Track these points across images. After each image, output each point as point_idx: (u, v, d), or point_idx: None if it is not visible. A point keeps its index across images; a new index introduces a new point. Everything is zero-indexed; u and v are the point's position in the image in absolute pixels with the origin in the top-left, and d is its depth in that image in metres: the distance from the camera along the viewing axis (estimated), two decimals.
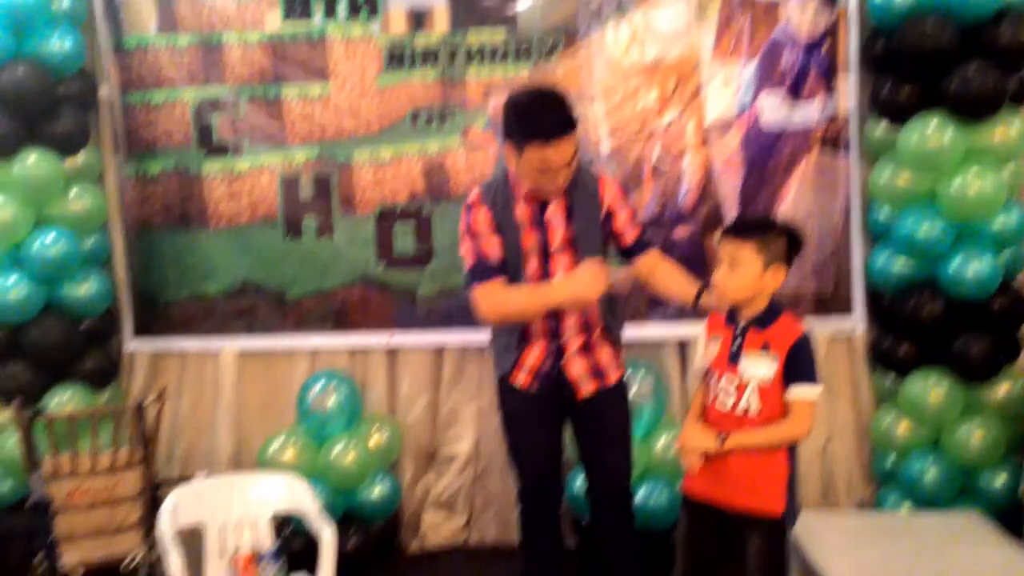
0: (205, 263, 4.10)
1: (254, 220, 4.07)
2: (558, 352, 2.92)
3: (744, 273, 2.51)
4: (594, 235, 2.90)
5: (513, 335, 2.95)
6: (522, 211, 2.86)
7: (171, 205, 4.10)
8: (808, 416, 2.49)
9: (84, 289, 3.83)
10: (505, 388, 3.03)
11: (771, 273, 2.51)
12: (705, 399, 2.65)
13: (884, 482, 3.73)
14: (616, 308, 3.04)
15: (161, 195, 4.10)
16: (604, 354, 2.97)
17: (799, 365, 2.49)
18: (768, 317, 2.55)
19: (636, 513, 3.09)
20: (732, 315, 2.62)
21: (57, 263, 3.68)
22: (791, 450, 2.57)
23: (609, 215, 2.93)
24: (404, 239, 4.01)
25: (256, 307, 4.11)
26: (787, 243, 2.54)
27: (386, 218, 4.01)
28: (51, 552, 3.11)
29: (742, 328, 2.57)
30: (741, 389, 2.54)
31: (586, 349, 2.94)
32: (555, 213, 2.86)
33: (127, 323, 4.18)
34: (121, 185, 4.12)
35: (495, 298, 2.84)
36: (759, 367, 2.51)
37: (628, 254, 2.99)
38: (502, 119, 2.76)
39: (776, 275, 2.52)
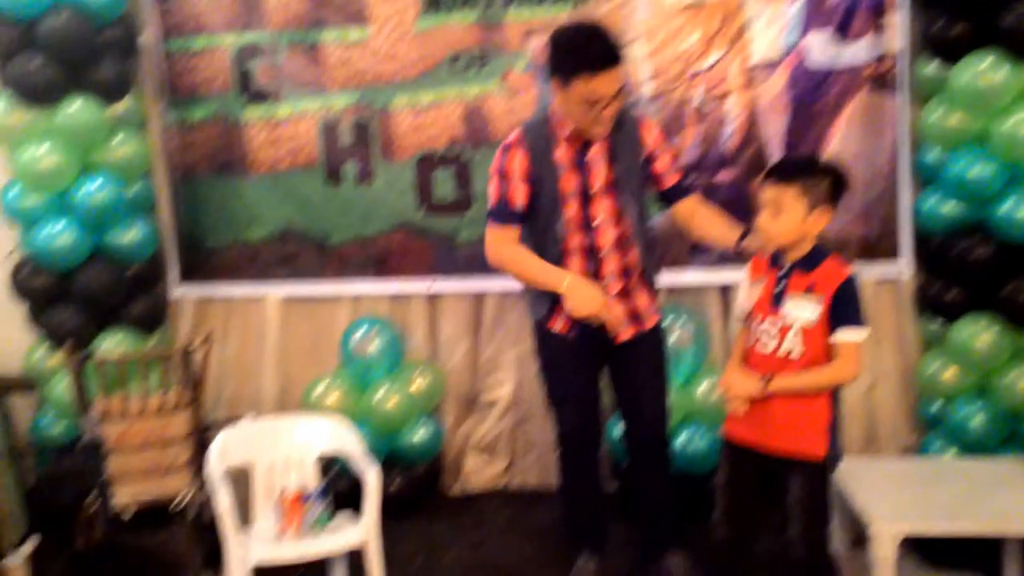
0: (248, 210, 4.14)
1: (295, 167, 4.08)
2: None
3: (788, 217, 2.47)
4: (635, 178, 2.88)
5: None
6: (562, 153, 2.84)
7: (213, 152, 4.13)
8: (855, 359, 2.47)
9: (130, 235, 3.88)
10: (542, 333, 3.04)
11: (815, 216, 2.47)
12: (747, 342, 2.64)
13: (929, 428, 3.70)
14: (654, 252, 3.02)
15: (203, 142, 4.13)
16: (642, 299, 2.96)
17: (845, 308, 2.46)
18: (813, 259, 2.51)
19: (676, 458, 3.11)
20: (776, 258, 2.58)
21: (103, 209, 3.73)
22: (834, 394, 2.55)
23: (650, 158, 2.90)
24: (444, 185, 4.00)
25: (298, 253, 4.15)
26: (831, 184, 2.49)
27: (425, 164, 4.00)
28: (103, 492, 3.19)
29: (786, 271, 2.54)
30: (783, 332, 2.52)
31: (624, 294, 2.93)
32: (596, 155, 2.84)
33: (173, 269, 4.24)
34: (164, 132, 4.16)
35: (505, 248, 2.86)
36: (803, 310, 2.48)
37: (667, 198, 2.97)
38: (547, 57, 2.74)
39: (821, 217, 2.48)
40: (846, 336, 2.46)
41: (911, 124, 3.66)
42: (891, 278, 3.76)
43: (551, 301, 2.94)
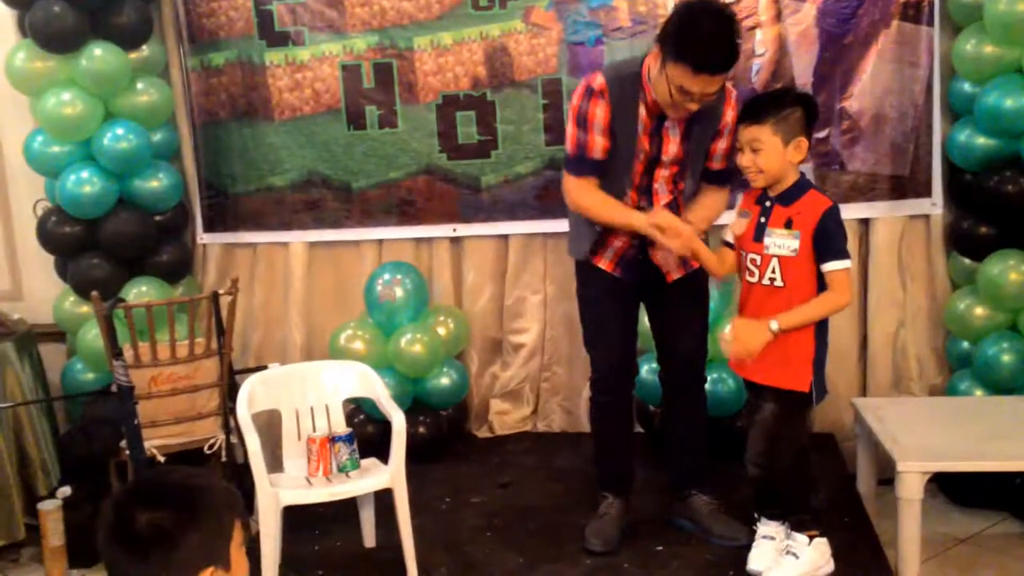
0: (271, 155, 4.14)
1: (318, 111, 4.07)
2: (644, 241, 2.89)
3: (768, 153, 2.58)
4: (702, 153, 2.84)
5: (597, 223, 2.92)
6: (644, 114, 2.78)
7: (236, 97, 4.13)
8: (846, 286, 2.61)
9: (155, 183, 3.91)
10: (586, 271, 3.03)
11: (793, 147, 2.58)
12: (738, 272, 2.76)
13: (958, 368, 3.67)
14: None
15: (225, 86, 4.13)
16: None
17: (828, 240, 2.57)
18: (793, 194, 2.63)
19: None
20: (763, 194, 2.69)
21: (127, 157, 3.75)
22: (818, 330, 2.65)
23: (715, 134, 2.83)
24: (467, 128, 3.98)
25: (323, 199, 4.16)
26: (803, 115, 2.59)
27: (448, 106, 3.97)
28: (135, 437, 3.26)
29: (768, 206, 2.65)
30: (766, 263, 2.63)
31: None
32: (673, 126, 2.79)
33: (198, 217, 4.27)
34: (185, 77, 4.15)
35: (587, 196, 2.84)
36: (782, 243, 2.60)
37: (704, 178, 2.91)
38: (667, 19, 2.66)
39: (799, 148, 2.58)
40: (833, 266, 2.57)
41: (944, 56, 3.58)
42: (922, 214, 3.71)
43: (599, 239, 2.94)
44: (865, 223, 3.73)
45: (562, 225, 3.89)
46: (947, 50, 3.55)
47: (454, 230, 4.10)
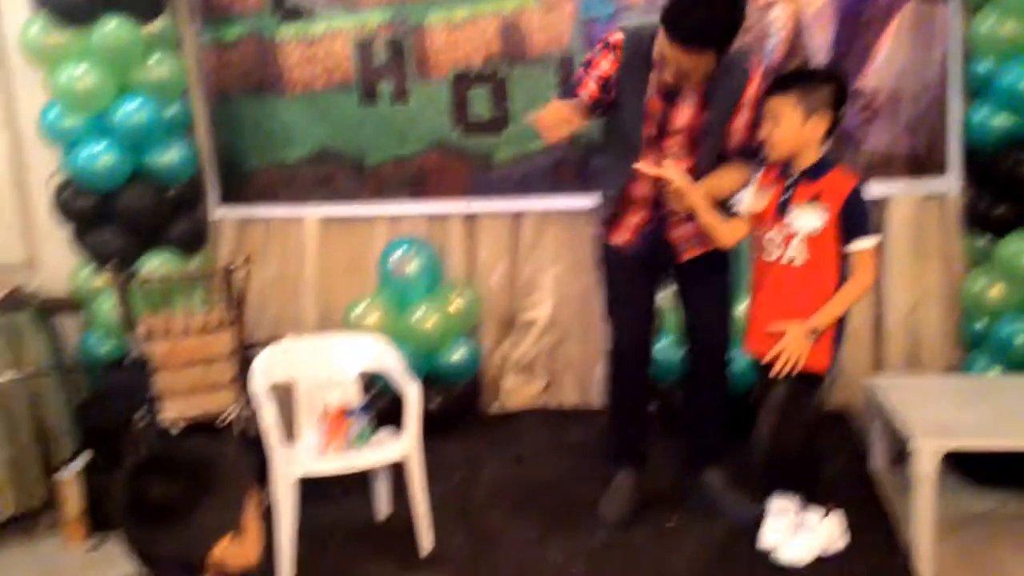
0: (284, 130, 4.13)
1: (330, 86, 4.05)
2: (662, 218, 2.87)
3: (786, 125, 2.56)
4: (720, 131, 2.80)
5: (615, 193, 2.91)
6: (656, 78, 2.75)
7: (249, 72, 4.11)
8: (872, 265, 2.59)
9: (169, 156, 3.89)
10: (605, 246, 3.03)
11: (813, 122, 2.55)
12: (755, 251, 2.73)
13: (973, 346, 3.65)
14: None
15: (238, 61, 4.11)
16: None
17: (855, 218, 2.56)
18: (819, 169, 2.60)
19: None
20: (785, 168, 2.66)
21: (141, 130, 3.73)
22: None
23: (736, 109, 2.78)
24: (479, 103, 3.95)
25: (336, 174, 4.15)
26: (832, 91, 2.57)
27: (461, 82, 3.95)
28: (150, 408, 3.26)
29: (793, 180, 2.62)
30: (788, 240, 2.60)
31: (691, 216, 2.85)
32: (689, 93, 2.75)
33: (212, 190, 4.27)
34: (199, 52, 4.14)
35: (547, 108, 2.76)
36: (807, 218, 2.57)
37: (726, 151, 2.86)
38: None
39: (819, 124, 2.56)
40: (860, 245, 2.56)
41: (962, 34, 3.54)
42: (938, 194, 3.68)
43: (617, 214, 2.92)
44: (881, 202, 3.70)
45: (574, 202, 3.92)
46: (965, 28, 3.51)
47: (467, 206, 4.09)
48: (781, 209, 2.63)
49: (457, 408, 3.97)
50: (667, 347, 3.70)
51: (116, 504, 1.43)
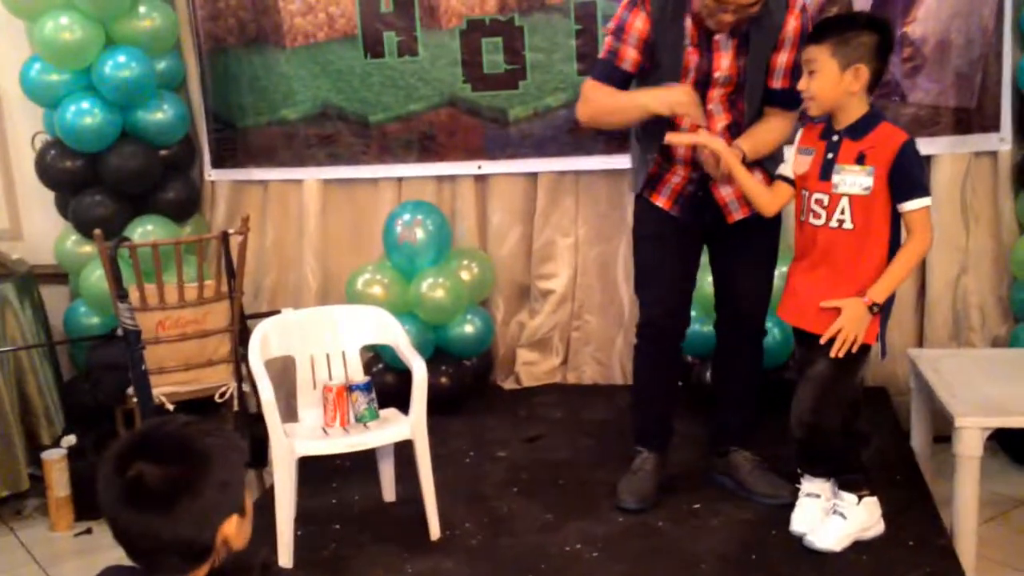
0: (283, 86, 4.14)
1: (332, 37, 4.04)
2: (704, 177, 2.85)
3: (823, 77, 2.52)
4: (761, 74, 2.77)
5: (651, 151, 2.89)
6: (691, 25, 2.73)
7: (245, 22, 4.10)
8: (928, 225, 2.55)
9: (160, 115, 3.91)
10: (642, 208, 3.01)
11: (851, 74, 2.50)
12: (799, 214, 2.69)
13: (1022, 318, 3.63)
14: None
15: (234, 10, 4.10)
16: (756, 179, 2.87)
17: (907, 177, 2.52)
18: (864, 126, 2.56)
19: None
20: (827, 128, 2.62)
21: (130, 86, 3.74)
22: None
23: (776, 47, 2.75)
24: (493, 56, 3.93)
25: (338, 133, 4.15)
26: (875, 41, 2.52)
27: (473, 32, 3.93)
28: (142, 383, 3.29)
29: (836, 139, 2.58)
30: (834, 204, 2.57)
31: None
32: (725, 39, 2.72)
33: (206, 151, 4.28)
34: (191, 1, 4.13)
35: (597, 91, 2.82)
36: (852, 180, 2.54)
37: (766, 99, 2.83)
38: None
39: (858, 75, 2.51)
40: (915, 205, 2.52)
41: None
42: (988, 151, 3.64)
43: (655, 174, 2.91)
44: (926, 160, 3.67)
45: (595, 162, 3.92)
46: None
47: (479, 167, 4.08)
48: (825, 170, 2.60)
49: (467, 385, 3.99)
50: (694, 316, 3.69)
51: (105, 489, 1.44)
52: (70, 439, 3.60)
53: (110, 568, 1.52)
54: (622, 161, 3.60)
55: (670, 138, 2.74)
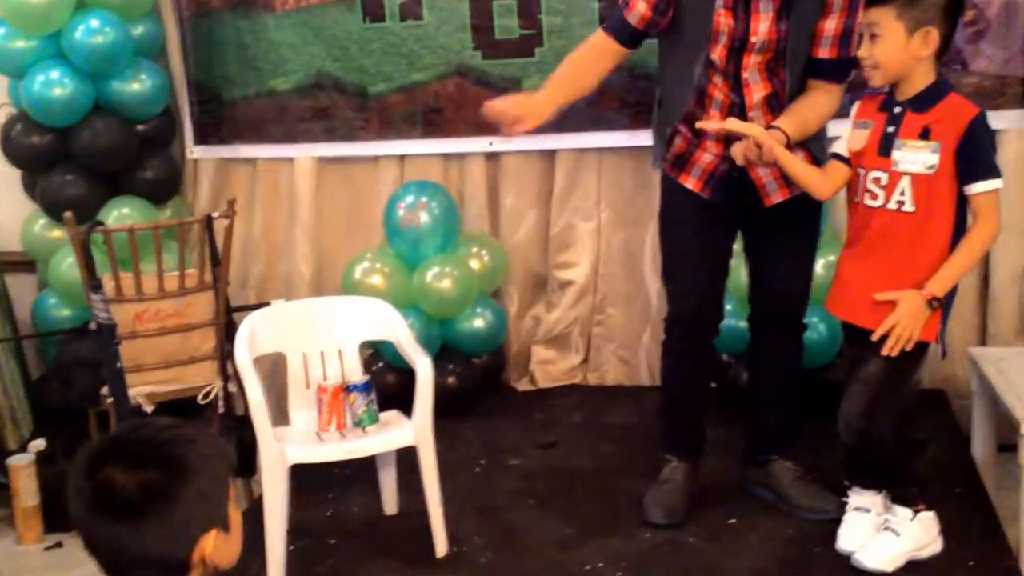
0: (273, 53, 4.15)
1: None
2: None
3: (886, 43, 2.49)
4: (805, 42, 2.74)
5: (670, 121, 2.88)
6: None
7: None
8: (996, 211, 2.53)
9: (136, 85, 3.92)
10: (669, 188, 3.00)
11: (919, 39, 2.48)
12: (852, 194, 2.68)
13: None
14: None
15: None
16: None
17: (977, 156, 2.50)
18: (930, 97, 2.54)
19: None
20: (888, 100, 2.60)
21: (104, 53, 3.75)
22: None
23: (823, 12, 2.72)
24: (506, 20, 3.93)
25: (334, 106, 4.16)
26: (944, 1, 2.49)
27: None
28: (117, 382, 3.30)
29: (898, 112, 2.56)
30: (892, 183, 2.55)
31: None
32: (763, 1, 2.70)
33: (188, 126, 4.29)
34: None
35: (579, 47, 2.88)
36: (916, 157, 2.52)
37: (808, 70, 2.80)
38: None
39: (926, 40, 2.48)
40: (984, 187, 2.50)
41: None
42: None
43: (680, 151, 2.90)
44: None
45: (620, 138, 3.91)
46: None
47: (490, 144, 4.07)
48: (884, 145, 2.58)
49: (477, 385, 3.99)
50: (729, 310, 3.68)
51: (74, 496, 1.44)
52: (38, 443, 3.61)
53: None
54: (650, 137, 3.58)
55: (702, 124, 2.74)
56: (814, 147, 2.84)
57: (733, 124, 2.66)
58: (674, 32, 2.80)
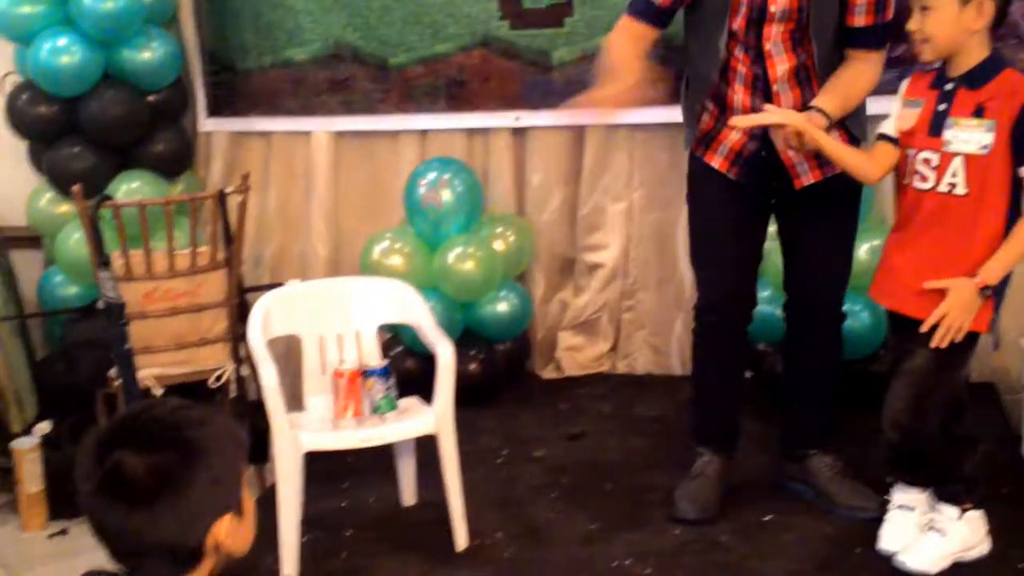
0: (289, 21, 4.15)
1: None
2: (766, 134, 2.82)
3: (938, 15, 2.46)
4: (834, 9, 2.71)
5: (699, 99, 2.87)
6: None
7: None
8: None
9: (147, 54, 3.93)
10: (697, 169, 2.99)
11: (972, 10, 2.45)
12: (901, 177, 2.65)
13: None
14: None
15: None
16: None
17: None
18: (984, 73, 2.51)
19: None
20: (939, 77, 2.58)
21: (113, 20, 3.76)
22: None
23: None
24: None
25: (353, 78, 4.16)
26: None
27: None
28: (126, 364, 3.31)
29: (950, 89, 2.54)
30: (944, 163, 2.52)
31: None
32: None
33: (200, 97, 4.29)
34: None
35: (614, 34, 2.83)
36: (969, 136, 2.49)
37: (843, 40, 2.78)
38: None
39: (981, 11, 2.45)
40: None
41: None
42: None
43: (707, 128, 2.89)
44: None
45: (653, 114, 3.88)
46: None
47: (516, 119, 4.07)
48: (935, 124, 2.55)
49: (501, 372, 4.00)
50: (765, 299, 3.66)
51: (83, 481, 1.44)
52: (44, 426, 3.64)
53: (90, 573, 1.53)
54: None
55: (735, 121, 2.71)
56: (851, 124, 2.81)
57: (766, 117, 2.65)
58: (697, 4, 2.78)
